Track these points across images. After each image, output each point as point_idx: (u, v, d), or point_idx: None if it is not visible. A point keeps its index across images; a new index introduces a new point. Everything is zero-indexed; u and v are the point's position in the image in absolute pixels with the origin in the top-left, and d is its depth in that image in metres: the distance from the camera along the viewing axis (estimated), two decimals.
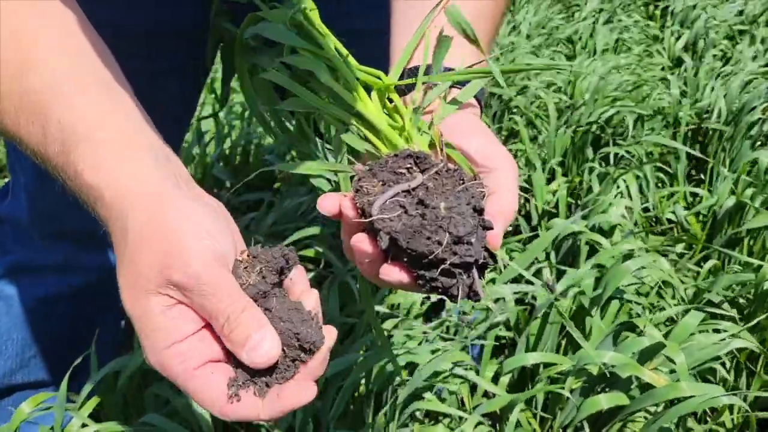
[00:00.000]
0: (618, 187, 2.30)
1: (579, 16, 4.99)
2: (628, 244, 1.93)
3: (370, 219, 0.77)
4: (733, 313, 2.00)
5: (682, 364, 1.55)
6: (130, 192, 0.75)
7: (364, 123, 0.92)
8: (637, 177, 2.36)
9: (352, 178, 0.89)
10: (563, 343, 1.85)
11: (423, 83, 0.93)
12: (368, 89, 0.94)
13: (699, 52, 4.26)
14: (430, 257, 0.75)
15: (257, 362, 0.72)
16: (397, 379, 1.61)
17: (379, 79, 0.93)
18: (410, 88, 0.99)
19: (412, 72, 0.99)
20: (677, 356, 1.55)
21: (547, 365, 1.72)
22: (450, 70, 0.98)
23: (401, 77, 0.97)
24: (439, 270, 0.75)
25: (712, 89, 3.16)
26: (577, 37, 4.50)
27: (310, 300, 0.80)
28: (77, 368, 1.53)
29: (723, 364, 1.85)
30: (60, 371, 1.64)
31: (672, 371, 1.66)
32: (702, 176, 3.06)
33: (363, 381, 1.60)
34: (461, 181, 0.83)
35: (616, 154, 2.59)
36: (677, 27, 4.79)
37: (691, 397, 1.51)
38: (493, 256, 0.81)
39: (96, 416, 1.58)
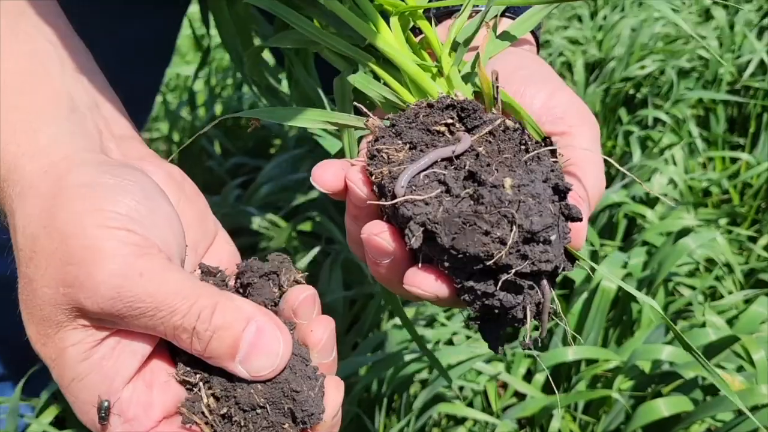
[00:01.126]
0: (662, 152, 2.02)
1: None
2: (681, 219, 1.65)
3: (394, 201, 0.50)
4: None
5: (762, 362, 1.29)
6: (22, 168, 0.50)
7: (381, 62, 0.66)
8: (685, 139, 2.07)
9: (361, 139, 0.63)
10: (600, 334, 1.59)
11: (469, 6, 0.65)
12: (385, 16, 0.67)
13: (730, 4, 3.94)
14: (486, 262, 0.48)
15: (261, 372, 0.50)
16: (416, 377, 1.35)
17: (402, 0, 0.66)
18: (442, 17, 0.73)
19: None
20: (756, 353, 1.29)
21: (590, 361, 1.46)
22: None
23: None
24: (499, 282, 0.49)
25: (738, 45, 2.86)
26: None
27: (319, 331, 0.54)
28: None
29: None
30: (23, 365, 1.40)
31: (739, 368, 1.41)
32: (741, 141, 2.77)
33: (374, 384, 1.35)
34: (523, 146, 0.56)
35: (655, 118, 2.30)
36: None
37: None
38: (572, 259, 0.55)
39: (62, 423, 1.34)
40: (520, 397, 1.50)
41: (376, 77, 0.66)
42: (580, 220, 0.52)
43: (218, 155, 2.30)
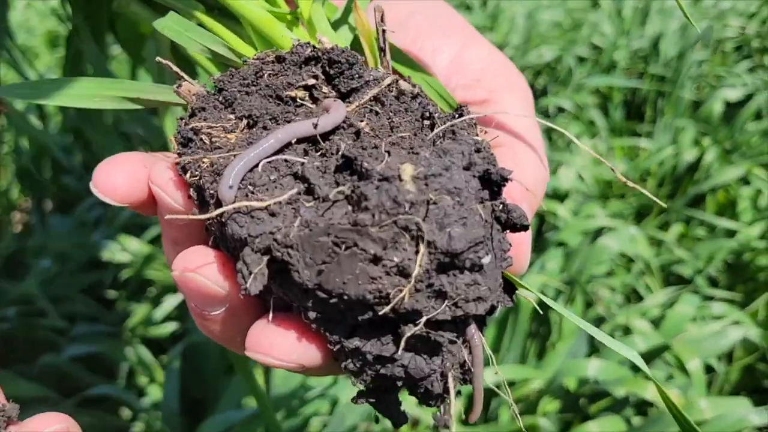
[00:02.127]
0: (568, 144, 1.88)
1: None
2: (594, 216, 1.50)
3: (216, 213, 0.29)
4: (712, 290, 1.62)
5: (698, 373, 1.13)
6: None
7: (216, 13, 0.44)
8: (588, 128, 1.94)
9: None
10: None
11: None
12: None
13: None
14: (378, 309, 0.28)
15: None
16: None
17: None
18: None
19: None
20: (690, 360, 1.14)
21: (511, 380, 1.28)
22: None
23: None
24: (402, 339, 0.29)
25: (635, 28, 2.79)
26: None
27: None
28: None
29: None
30: None
31: (669, 377, 1.26)
32: (636, 130, 2.69)
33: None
34: (428, 120, 0.36)
35: (557, 106, 2.16)
36: None
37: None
38: (511, 289, 0.35)
39: None
40: (436, 429, 1.31)
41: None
42: (526, 228, 0.33)
43: (78, 168, 2.00)
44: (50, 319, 1.49)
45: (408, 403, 1.23)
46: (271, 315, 0.32)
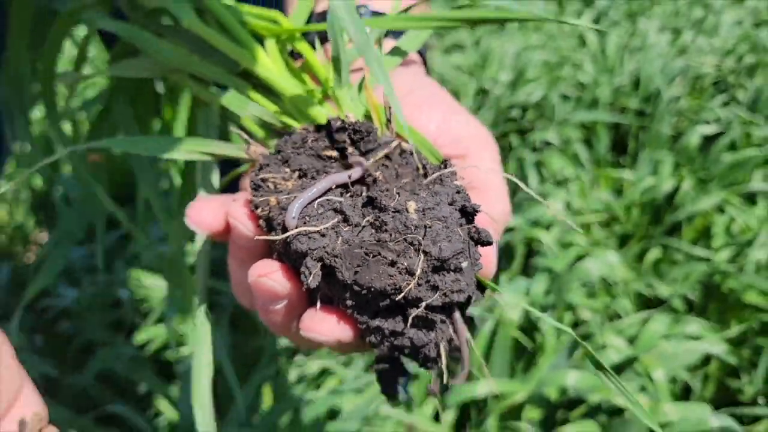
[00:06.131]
0: (559, 183, 2.04)
1: None
2: (579, 245, 1.65)
3: (285, 235, 0.45)
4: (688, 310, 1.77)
5: (661, 382, 1.28)
6: None
7: (259, 89, 0.59)
8: (574, 159, 2.09)
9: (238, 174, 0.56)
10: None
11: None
12: (258, 40, 0.61)
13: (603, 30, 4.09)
14: (393, 297, 0.43)
15: None
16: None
17: (276, 23, 0.60)
18: (323, 41, 0.67)
19: (322, 17, 0.68)
20: (655, 371, 1.29)
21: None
22: (379, 14, 0.67)
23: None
24: (409, 318, 0.44)
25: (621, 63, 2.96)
26: None
27: None
28: None
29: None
30: None
31: (642, 388, 1.40)
32: (620, 161, 2.85)
33: None
34: (422, 170, 0.51)
35: (544, 141, 2.33)
36: (577, 6, 4.62)
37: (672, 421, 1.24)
38: (482, 288, 0.50)
39: None
40: None
41: None
42: (491, 243, 0.48)
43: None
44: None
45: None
46: (318, 305, 0.47)
